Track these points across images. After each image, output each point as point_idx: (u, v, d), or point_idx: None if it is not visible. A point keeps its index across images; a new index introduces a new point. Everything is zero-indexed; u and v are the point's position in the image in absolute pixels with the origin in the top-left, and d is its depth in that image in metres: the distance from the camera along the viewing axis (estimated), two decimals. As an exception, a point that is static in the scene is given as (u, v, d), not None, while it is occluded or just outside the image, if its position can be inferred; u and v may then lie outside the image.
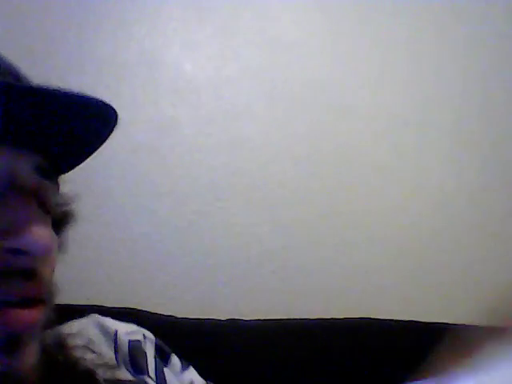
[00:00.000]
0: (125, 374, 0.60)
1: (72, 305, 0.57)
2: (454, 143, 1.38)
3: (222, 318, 1.10)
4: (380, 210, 1.32)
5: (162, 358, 0.65)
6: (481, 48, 1.41)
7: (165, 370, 0.63)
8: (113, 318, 0.65)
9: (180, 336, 1.03)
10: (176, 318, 1.07)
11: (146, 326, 1.01)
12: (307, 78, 1.32)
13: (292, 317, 1.13)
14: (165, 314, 1.07)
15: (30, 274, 0.44)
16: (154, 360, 0.63)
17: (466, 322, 1.18)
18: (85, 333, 0.61)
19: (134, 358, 0.61)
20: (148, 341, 0.65)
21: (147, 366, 0.62)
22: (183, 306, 1.18)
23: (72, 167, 0.54)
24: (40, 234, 0.44)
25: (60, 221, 0.54)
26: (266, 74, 1.30)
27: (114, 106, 0.45)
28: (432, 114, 1.37)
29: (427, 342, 1.14)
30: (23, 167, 0.46)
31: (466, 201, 1.36)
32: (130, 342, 0.62)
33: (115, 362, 0.60)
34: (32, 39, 1.18)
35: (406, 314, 1.17)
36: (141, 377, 0.60)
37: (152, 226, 1.21)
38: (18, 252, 0.43)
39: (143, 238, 1.20)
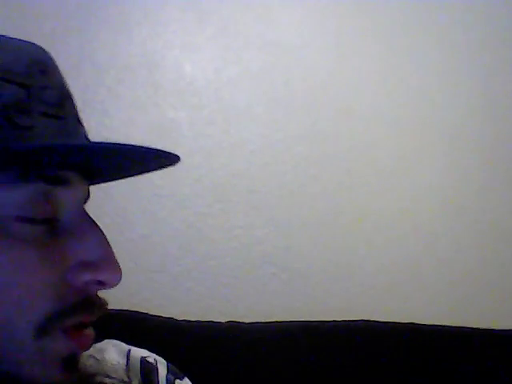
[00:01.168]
0: None
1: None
2: (456, 146, 1.38)
3: (222, 321, 1.10)
4: (380, 211, 1.32)
5: (176, 377, 0.65)
6: (483, 50, 1.41)
7: (176, 382, 0.64)
8: (112, 320, 0.65)
9: (180, 338, 1.03)
10: (176, 320, 1.07)
11: (145, 328, 1.02)
12: (307, 80, 1.32)
13: (292, 319, 1.13)
14: (165, 316, 1.07)
15: (101, 303, 0.48)
16: (165, 377, 0.63)
17: (466, 325, 1.19)
18: (100, 355, 0.61)
19: (145, 375, 0.62)
20: (160, 363, 0.65)
21: (158, 383, 0.62)
22: (183, 308, 1.18)
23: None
24: (119, 268, 0.46)
25: None
26: (266, 75, 1.30)
27: (115, 108, 0.46)
28: (433, 116, 1.37)
29: (427, 344, 1.15)
30: (84, 197, 0.49)
31: (467, 203, 1.36)
32: (142, 359, 0.63)
33: (127, 378, 0.61)
34: (33, 41, 1.18)
35: (406, 316, 1.17)
36: None
37: (152, 227, 1.21)
38: (103, 284, 0.46)
39: (143, 239, 1.20)
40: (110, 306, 1.04)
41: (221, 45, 1.29)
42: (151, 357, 0.65)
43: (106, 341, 0.64)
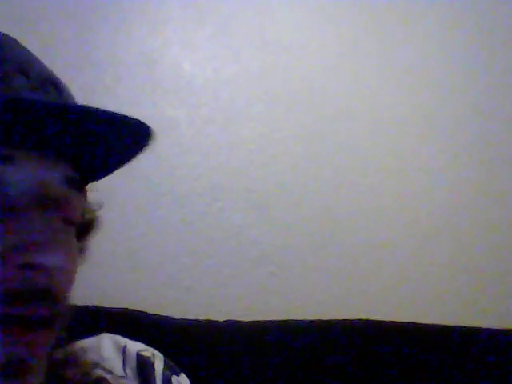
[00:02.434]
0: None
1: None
2: (456, 145, 1.37)
3: (220, 319, 1.09)
4: (379, 211, 1.32)
5: (172, 373, 0.64)
6: (484, 48, 1.41)
7: (174, 378, 0.63)
8: (110, 318, 0.65)
9: (178, 337, 1.03)
10: (174, 318, 1.07)
11: (143, 326, 1.02)
12: (306, 80, 1.32)
13: (290, 318, 1.12)
14: (163, 314, 1.07)
15: (44, 293, 0.43)
16: (162, 373, 0.62)
17: (467, 325, 1.18)
18: (97, 350, 0.61)
19: (141, 371, 0.61)
20: (157, 358, 0.65)
21: (155, 379, 0.62)
22: (181, 306, 1.18)
23: (102, 176, 0.54)
24: (58, 251, 0.43)
25: (84, 228, 0.55)
26: (264, 75, 1.30)
27: (113, 107, 0.45)
28: (434, 116, 1.37)
29: (426, 343, 1.15)
30: (52, 177, 0.46)
31: (467, 202, 1.36)
32: (138, 355, 0.62)
33: (123, 373, 0.60)
34: (31, 39, 1.18)
35: (404, 315, 1.17)
36: None
37: (150, 226, 1.20)
38: (33, 268, 0.42)
39: (141, 238, 1.20)
40: (108, 305, 1.03)
41: (220, 44, 1.29)
42: (148, 351, 0.65)
43: (102, 334, 0.64)
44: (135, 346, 0.64)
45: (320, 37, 1.34)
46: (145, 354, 0.64)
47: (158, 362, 0.64)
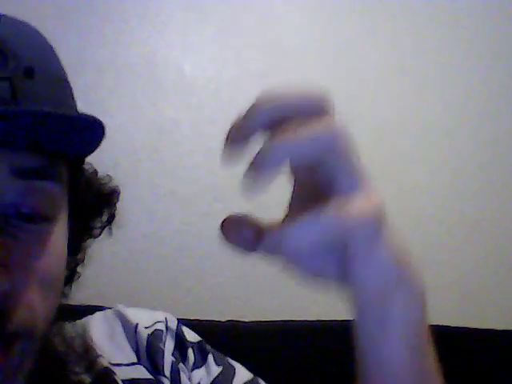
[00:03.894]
0: (143, 372, 0.59)
1: (70, 305, 0.57)
2: (456, 147, 1.37)
3: (222, 320, 1.10)
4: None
5: (181, 352, 0.63)
6: (483, 51, 1.41)
7: (180, 366, 0.61)
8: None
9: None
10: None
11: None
12: (307, 81, 1.32)
13: (292, 318, 1.13)
14: (164, 315, 1.07)
15: None
16: (170, 357, 0.61)
17: (466, 325, 1.18)
18: (106, 334, 0.59)
19: (151, 354, 0.60)
20: (169, 332, 0.63)
21: (163, 364, 0.60)
22: (183, 307, 1.18)
23: (75, 157, 0.47)
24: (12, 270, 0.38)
25: (96, 206, 0.54)
26: (266, 76, 1.30)
27: (115, 108, 0.44)
28: (433, 117, 1.37)
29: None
30: None
31: (466, 203, 1.36)
32: (148, 336, 0.60)
33: (135, 359, 0.59)
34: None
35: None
36: (157, 376, 0.59)
37: (152, 227, 1.21)
38: None
39: (143, 238, 1.20)
40: (109, 305, 1.03)
41: (221, 45, 1.29)
42: (161, 323, 0.63)
43: (111, 311, 0.62)
44: (146, 322, 0.61)
45: (320, 38, 1.34)
46: (156, 327, 0.61)
47: (169, 342, 0.61)
